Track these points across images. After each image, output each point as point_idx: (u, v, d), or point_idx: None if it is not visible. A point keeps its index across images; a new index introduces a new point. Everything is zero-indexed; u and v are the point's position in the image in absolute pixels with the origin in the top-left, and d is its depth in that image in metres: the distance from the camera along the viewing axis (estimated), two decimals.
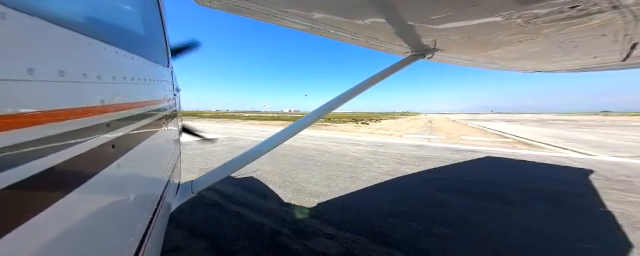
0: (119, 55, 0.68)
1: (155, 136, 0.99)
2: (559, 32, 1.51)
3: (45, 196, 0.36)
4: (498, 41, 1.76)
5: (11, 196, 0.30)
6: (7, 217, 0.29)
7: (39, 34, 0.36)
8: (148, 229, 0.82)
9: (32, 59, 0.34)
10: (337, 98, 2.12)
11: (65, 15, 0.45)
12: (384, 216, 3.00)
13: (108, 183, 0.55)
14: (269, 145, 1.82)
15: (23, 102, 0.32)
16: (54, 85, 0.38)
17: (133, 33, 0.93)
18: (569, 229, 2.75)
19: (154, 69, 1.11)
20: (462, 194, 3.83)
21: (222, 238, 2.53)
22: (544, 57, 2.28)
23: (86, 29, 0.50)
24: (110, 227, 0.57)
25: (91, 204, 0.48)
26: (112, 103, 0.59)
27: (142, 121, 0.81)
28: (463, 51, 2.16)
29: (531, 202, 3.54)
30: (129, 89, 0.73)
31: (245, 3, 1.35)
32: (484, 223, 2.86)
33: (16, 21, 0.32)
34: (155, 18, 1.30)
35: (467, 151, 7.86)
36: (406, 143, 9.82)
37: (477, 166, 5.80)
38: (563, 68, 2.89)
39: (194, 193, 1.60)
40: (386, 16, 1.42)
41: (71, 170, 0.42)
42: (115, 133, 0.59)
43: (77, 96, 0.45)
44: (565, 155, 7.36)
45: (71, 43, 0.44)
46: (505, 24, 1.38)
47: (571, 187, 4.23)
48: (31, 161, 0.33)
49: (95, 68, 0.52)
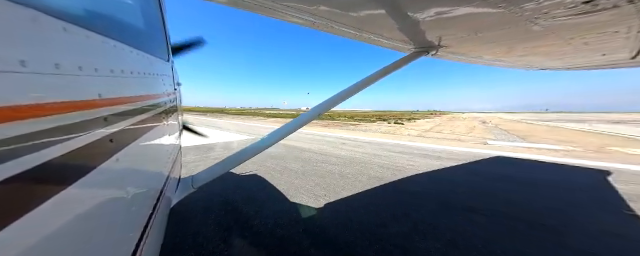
0: (117, 48, 0.66)
1: (154, 130, 0.98)
2: (570, 28, 1.46)
3: (44, 189, 0.36)
4: (506, 38, 1.72)
5: (10, 189, 0.29)
6: (7, 210, 0.29)
7: (34, 27, 0.35)
8: (148, 223, 0.82)
9: (28, 52, 0.33)
10: (338, 95, 2.10)
11: (61, 8, 0.44)
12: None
13: (107, 177, 0.54)
14: (268, 142, 1.81)
15: (18, 95, 0.31)
16: (49, 78, 0.37)
17: (132, 26, 0.91)
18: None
19: (154, 63, 1.10)
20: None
21: None
22: (552, 54, 2.22)
23: (82, 21, 0.49)
24: (110, 221, 0.56)
25: (90, 198, 0.47)
26: (109, 97, 0.57)
27: (141, 115, 0.80)
28: (468, 48, 2.12)
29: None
30: (127, 83, 0.72)
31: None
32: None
33: (13, 14, 0.31)
34: (155, 12, 1.28)
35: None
36: (529, 158, 6.38)
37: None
38: (570, 66, 2.83)
39: (194, 188, 1.61)
40: (389, 10, 1.39)
41: (69, 164, 0.41)
42: (113, 127, 0.58)
43: (73, 89, 0.44)
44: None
45: (66, 35, 0.43)
46: (514, 20, 1.34)
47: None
48: (28, 154, 0.32)
49: (92, 61, 0.51)
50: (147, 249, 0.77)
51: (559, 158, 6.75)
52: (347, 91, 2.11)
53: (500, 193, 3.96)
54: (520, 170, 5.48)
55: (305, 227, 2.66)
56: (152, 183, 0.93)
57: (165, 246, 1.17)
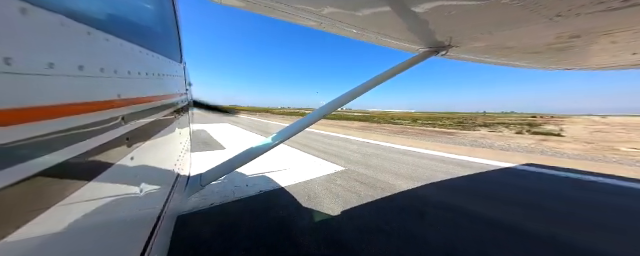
0: (134, 51, 0.70)
1: (168, 129, 1.03)
2: (597, 26, 1.36)
3: (68, 185, 0.38)
4: (525, 37, 1.63)
5: (34, 186, 0.31)
6: (30, 206, 0.31)
7: (61, 31, 0.38)
8: (159, 219, 0.86)
9: (55, 55, 0.36)
10: (346, 94, 2.10)
11: (84, 13, 0.47)
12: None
13: (123, 174, 0.57)
14: (276, 140, 1.85)
15: (46, 96, 0.34)
16: (73, 79, 0.40)
17: (149, 30, 0.96)
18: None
19: (168, 64, 1.16)
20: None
21: None
22: (579, 54, 2.08)
23: (103, 25, 0.52)
24: (126, 216, 0.60)
25: (106, 194, 0.50)
26: (128, 97, 0.61)
27: (155, 115, 0.84)
28: (481, 48, 2.04)
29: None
30: (143, 83, 0.76)
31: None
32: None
33: (45, 19, 0.34)
34: (169, 15, 1.34)
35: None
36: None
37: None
38: (595, 66, 2.65)
39: (203, 186, 1.66)
40: (397, 10, 1.37)
41: (91, 161, 0.44)
42: (130, 126, 0.61)
43: (95, 90, 0.47)
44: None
45: (89, 39, 0.46)
46: (534, 16, 1.26)
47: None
48: (54, 152, 0.35)
49: (111, 63, 0.54)
50: (159, 239, 0.82)
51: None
52: (355, 91, 2.10)
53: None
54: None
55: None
56: (164, 180, 0.97)
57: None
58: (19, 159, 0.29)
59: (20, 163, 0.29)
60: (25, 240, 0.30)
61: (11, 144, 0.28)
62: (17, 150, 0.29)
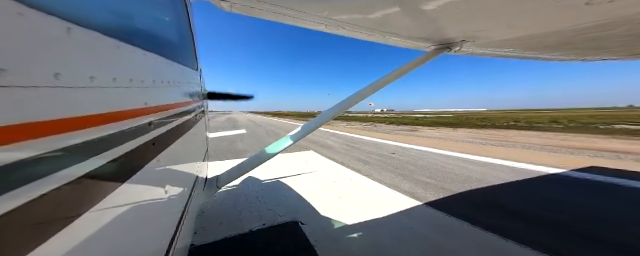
0: (157, 61, 0.76)
1: (188, 134, 1.09)
2: (628, 14, 1.25)
3: (106, 186, 0.42)
4: (547, 28, 1.51)
5: (75, 189, 0.34)
6: (71, 207, 0.34)
7: (96, 45, 0.42)
8: (182, 218, 0.92)
9: (94, 68, 0.41)
10: (355, 94, 2.10)
11: (114, 26, 0.51)
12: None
13: (149, 177, 0.61)
14: (289, 141, 1.88)
15: (83, 105, 0.38)
16: (108, 90, 0.44)
17: (168, 40, 1.03)
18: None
19: (186, 73, 1.22)
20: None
21: None
22: (605, 44, 1.91)
23: (129, 37, 0.56)
24: (151, 215, 0.65)
25: (135, 196, 0.55)
26: (153, 105, 0.66)
27: (177, 121, 0.90)
28: (497, 43, 1.95)
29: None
30: (165, 91, 0.82)
31: (262, 5, 1.39)
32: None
33: (83, 37, 0.38)
34: (184, 24, 1.41)
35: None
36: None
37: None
38: (622, 56, 2.43)
39: (219, 187, 1.73)
40: (408, 9, 1.35)
41: (123, 166, 0.48)
42: (155, 132, 0.66)
43: (124, 99, 0.51)
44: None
45: (118, 51, 0.50)
46: (561, 6, 1.15)
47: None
48: (96, 155, 0.39)
49: (138, 73, 0.59)
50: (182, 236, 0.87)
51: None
52: (364, 91, 2.09)
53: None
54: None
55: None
56: (186, 182, 1.03)
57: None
58: (65, 163, 0.33)
59: (66, 167, 0.33)
60: (70, 238, 0.33)
61: (61, 150, 0.32)
62: (63, 155, 0.33)
